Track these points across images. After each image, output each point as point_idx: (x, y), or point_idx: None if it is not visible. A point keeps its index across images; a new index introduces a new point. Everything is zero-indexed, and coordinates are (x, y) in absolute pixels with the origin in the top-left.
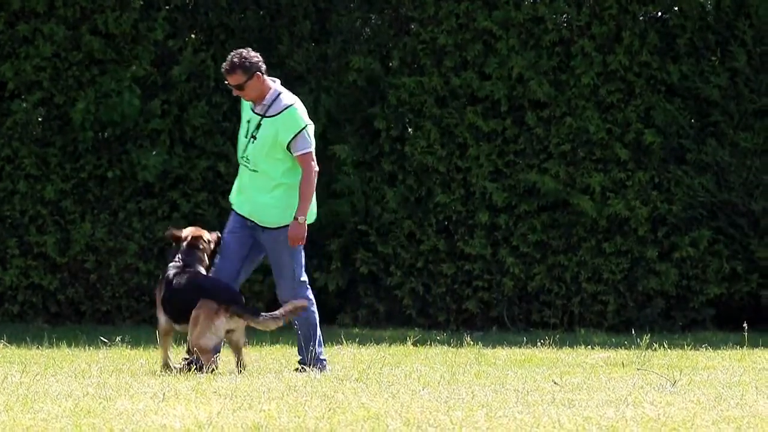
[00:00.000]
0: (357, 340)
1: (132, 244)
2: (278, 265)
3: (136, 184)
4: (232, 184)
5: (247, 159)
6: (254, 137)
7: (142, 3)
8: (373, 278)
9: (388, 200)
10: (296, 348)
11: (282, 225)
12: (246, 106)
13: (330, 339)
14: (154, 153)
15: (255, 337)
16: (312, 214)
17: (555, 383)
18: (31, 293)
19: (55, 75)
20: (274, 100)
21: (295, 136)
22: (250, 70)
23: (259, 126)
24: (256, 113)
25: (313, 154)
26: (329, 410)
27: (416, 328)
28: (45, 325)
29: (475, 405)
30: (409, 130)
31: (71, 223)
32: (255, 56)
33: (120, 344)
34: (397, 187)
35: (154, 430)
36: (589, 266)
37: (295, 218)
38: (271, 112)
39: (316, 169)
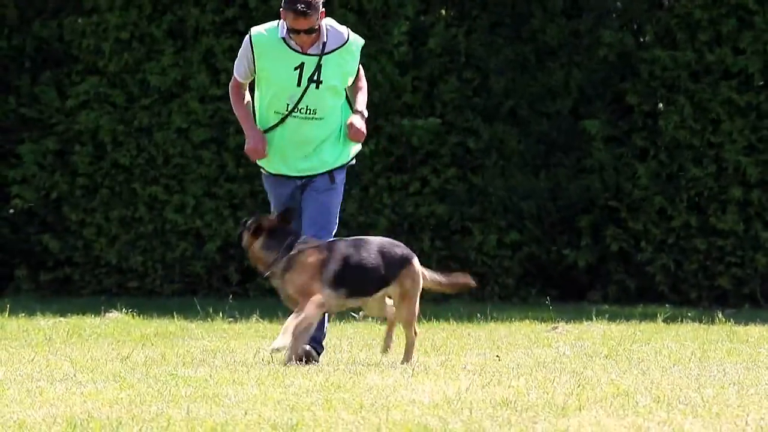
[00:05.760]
0: (607, 316)
1: (382, 219)
2: (326, 213)
3: (387, 159)
4: (482, 160)
5: (307, 109)
6: (316, 81)
7: None
8: (624, 255)
9: (640, 176)
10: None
11: (345, 163)
12: (270, 49)
13: (580, 315)
14: (428, 119)
15: (500, 313)
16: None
17: None
18: None
19: None
20: (327, 33)
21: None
22: (319, 10)
23: (319, 67)
24: (310, 54)
25: None
26: (578, 386)
27: (667, 305)
28: None
29: (727, 382)
30: (661, 105)
31: None
32: None
33: (370, 320)
34: (649, 162)
35: (404, 404)
36: None
37: (360, 111)
38: (330, 46)
39: None
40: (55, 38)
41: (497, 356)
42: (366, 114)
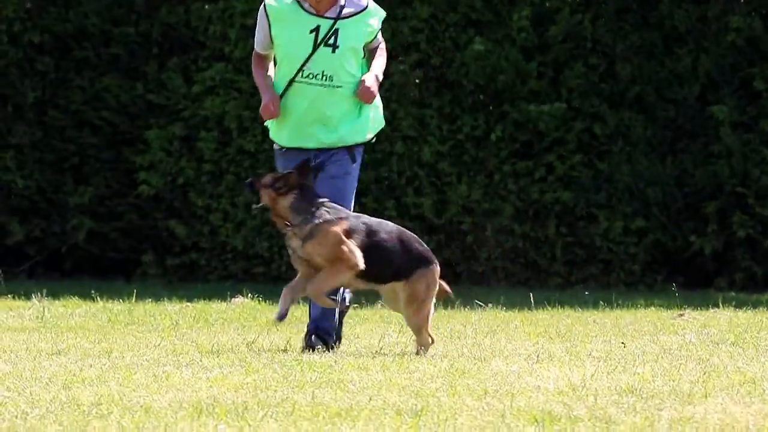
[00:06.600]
0: (733, 303)
1: (507, 205)
2: (342, 192)
3: (512, 145)
4: (608, 146)
5: (323, 75)
6: (332, 45)
7: None
8: (751, 241)
9: None
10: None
11: (363, 141)
12: (284, 14)
13: (706, 303)
14: (554, 105)
15: (625, 300)
16: (380, 121)
17: None
18: None
19: (432, 36)
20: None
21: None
22: None
23: (335, 31)
24: (327, 17)
25: None
26: (704, 374)
27: None
28: None
29: None
30: None
31: (448, 185)
32: None
33: (495, 306)
34: None
35: (528, 391)
36: None
37: (374, 72)
38: (348, 11)
39: None
40: (182, 24)
41: (623, 343)
42: (380, 76)
